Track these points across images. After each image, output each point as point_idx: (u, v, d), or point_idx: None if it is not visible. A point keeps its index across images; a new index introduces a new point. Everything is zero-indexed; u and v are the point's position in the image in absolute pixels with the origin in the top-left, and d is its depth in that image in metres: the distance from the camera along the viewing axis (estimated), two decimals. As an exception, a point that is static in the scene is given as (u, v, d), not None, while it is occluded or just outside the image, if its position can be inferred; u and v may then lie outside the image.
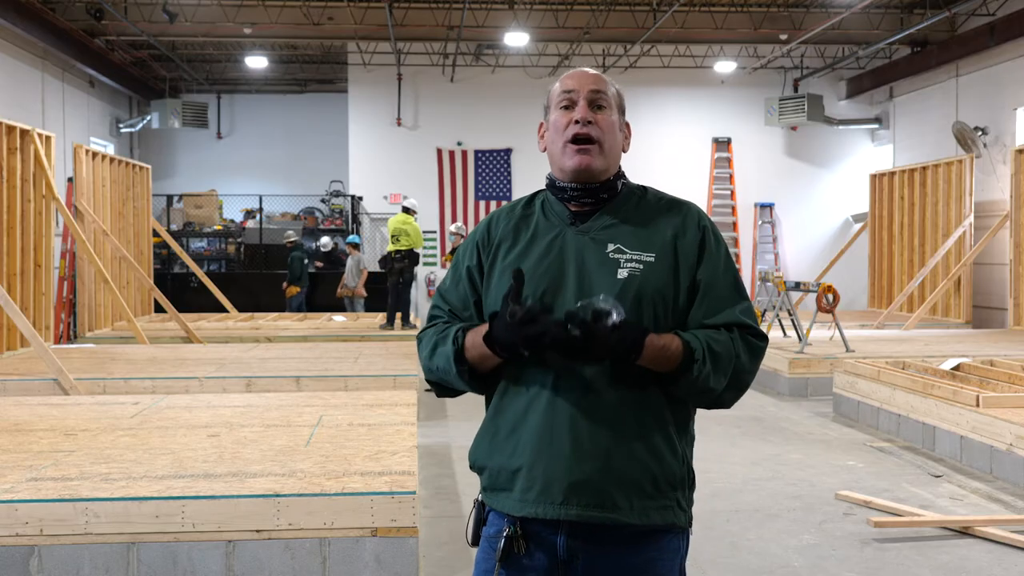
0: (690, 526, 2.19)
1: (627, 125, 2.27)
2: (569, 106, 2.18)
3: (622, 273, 2.09)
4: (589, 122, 2.15)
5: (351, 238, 16.90)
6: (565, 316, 1.94)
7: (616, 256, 2.11)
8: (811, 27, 16.05)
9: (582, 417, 2.05)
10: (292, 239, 16.84)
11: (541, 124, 2.27)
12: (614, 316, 1.93)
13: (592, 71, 2.23)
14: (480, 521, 2.17)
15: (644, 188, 2.26)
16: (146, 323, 13.47)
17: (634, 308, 2.06)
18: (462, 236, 15.58)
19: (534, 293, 2.09)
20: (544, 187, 2.29)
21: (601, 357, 1.97)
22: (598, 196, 2.18)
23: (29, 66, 15.96)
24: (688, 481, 2.15)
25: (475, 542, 2.18)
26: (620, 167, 2.24)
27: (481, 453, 2.17)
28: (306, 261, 16.72)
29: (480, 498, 2.19)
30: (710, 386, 2.07)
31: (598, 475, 2.04)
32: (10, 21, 13.79)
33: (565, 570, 2.09)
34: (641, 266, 2.10)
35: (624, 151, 2.25)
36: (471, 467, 2.21)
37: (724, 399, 2.13)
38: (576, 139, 2.14)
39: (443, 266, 17.32)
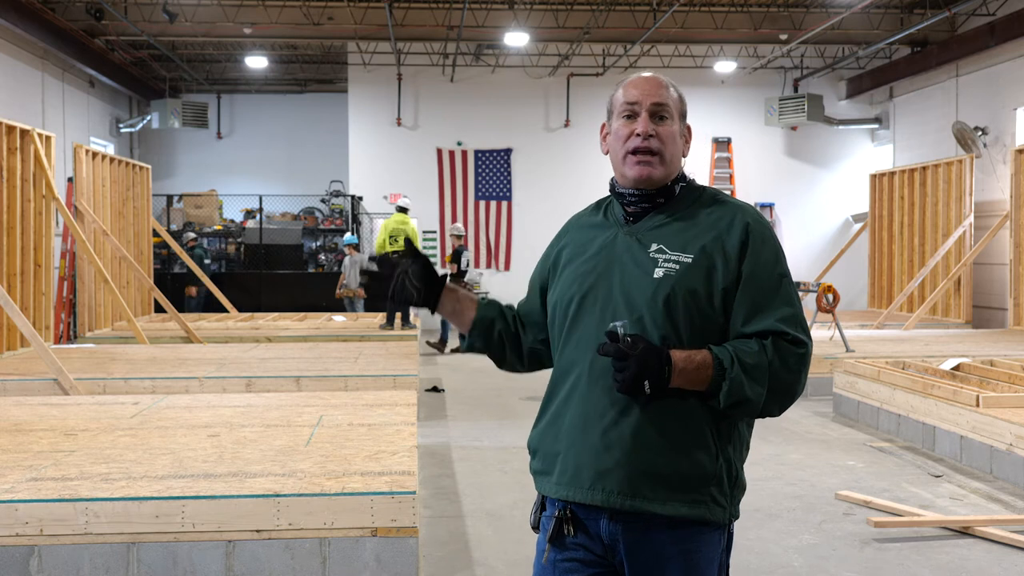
0: (731, 522, 2.21)
1: (688, 129, 2.31)
2: (631, 116, 2.23)
3: (658, 273, 2.14)
4: (650, 135, 2.20)
5: (349, 238, 16.90)
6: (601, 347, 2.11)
7: (656, 256, 2.17)
8: (811, 27, 16.05)
9: (612, 409, 2.13)
10: (194, 239, 16.73)
11: (603, 125, 2.33)
12: (619, 328, 2.06)
13: (656, 77, 2.26)
14: (541, 507, 2.29)
15: (704, 188, 2.29)
16: (146, 323, 13.47)
17: (664, 307, 2.12)
18: (459, 238, 15.60)
19: (580, 293, 2.22)
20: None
21: (637, 373, 2.04)
22: (654, 200, 2.24)
23: (29, 66, 15.96)
24: (729, 478, 2.16)
25: (536, 526, 2.30)
26: (681, 170, 2.29)
27: (534, 437, 2.30)
28: (206, 261, 16.62)
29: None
30: (746, 395, 2.08)
31: (622, 464, 2.11)
32: (10, 21, 13.79)
33: (610, 553, 2.18)
34: (677, 266, 2.14)
35: (684, 156, 2.30)
36: (528, 450, 2.33)
37: (769, 409, 2.14)
38: (636, 152, 2.21)
39: (443, 265, 17.28)
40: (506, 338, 2.42)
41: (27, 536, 4.04)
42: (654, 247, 2.18)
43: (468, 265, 15.64)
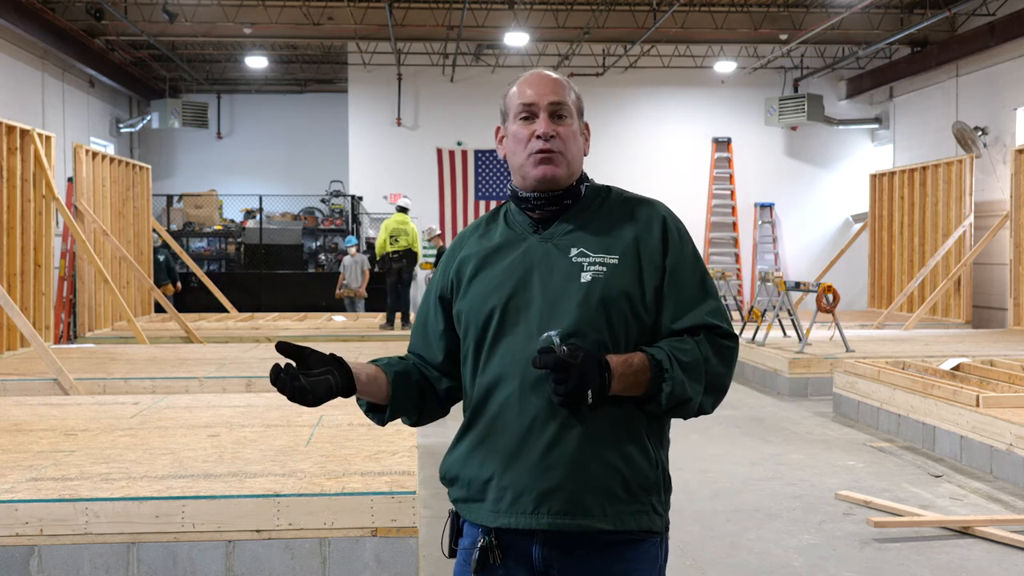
0: (667, 531, 2.14)
1: (586, 127, 2.22)
2: (529, 117, 2.12)
3: (585, 277, 2.05)
4: (552, 136, 2.10)
5: (350, 239, 16.90)
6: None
7: (579, 260, 2.07)
8: (811, 27, 16.05)
9: (551, 424, 2.01)
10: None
11: (498, 129, 2.22)
12: (555, 338, 1.94)
13: (550, 75, 2.17)
14: (456, 532, 2.14)
15: (609, 188, 2.21)
16: (146, 323, 13.47)
17: (599, 311, 2.03)
18: (440, 238, 15.78)
19: (500, 304, 2.08)
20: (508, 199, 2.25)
21: (579, 384, 1.93)
22: (561, 202, 2.13)
23: (29, 66, 15.95)
24: (663, 485, 2.10)
25: (452, 554, 2.16)
26: (583, 171, 2.19)
27: (453, 464, 2.14)
28: (172, 264, 16.49)
29: (454, 509, 2.17)
30: (687, 395, 2.02)
31: (568, 482, 2.00)
32: (10, 21, 13.79)
33: None
34: (604, 268, 2.05)
35: (585, 154, 2.20)
36: (442, 479, 2.18)
37: (704, 406, 2.08)
38: (540, 153, 2.10)
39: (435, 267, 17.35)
40: (425, 388, 2.24)
41: (27, 536, 4.05)
42: (575, 251, 2.07)
43: None
